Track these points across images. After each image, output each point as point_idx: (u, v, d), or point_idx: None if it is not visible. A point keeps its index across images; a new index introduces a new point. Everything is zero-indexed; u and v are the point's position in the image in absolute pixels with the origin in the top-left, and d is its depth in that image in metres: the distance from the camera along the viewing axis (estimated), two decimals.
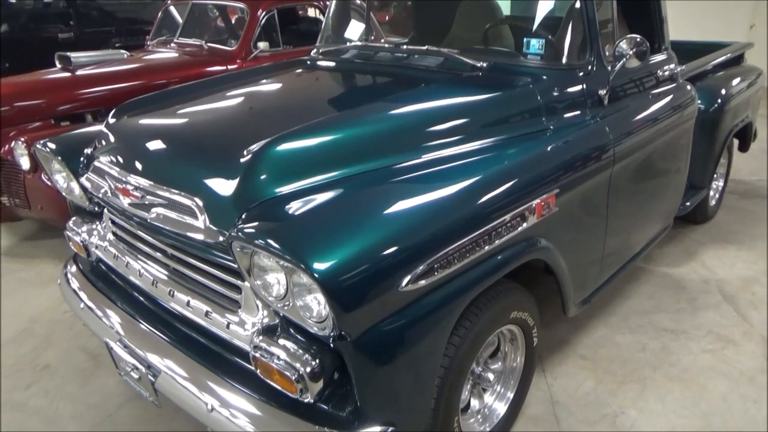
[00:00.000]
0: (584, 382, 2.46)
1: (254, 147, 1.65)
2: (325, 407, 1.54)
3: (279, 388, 1.50)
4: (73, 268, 2.29)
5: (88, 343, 2.80)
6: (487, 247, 1.65)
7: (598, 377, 2.48)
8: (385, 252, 1.40)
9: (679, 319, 2.89)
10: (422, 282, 1.46)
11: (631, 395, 2.37)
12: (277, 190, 1.59)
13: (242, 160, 1.63)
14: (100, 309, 2.03)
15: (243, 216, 1.52)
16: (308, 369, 1.44)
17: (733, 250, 3.61)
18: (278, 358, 1.47)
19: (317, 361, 1.46)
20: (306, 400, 1.47)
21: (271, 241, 1.37)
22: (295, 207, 1.51)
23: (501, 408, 2.07)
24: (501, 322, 1.91)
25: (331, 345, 1.45)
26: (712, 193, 3.93)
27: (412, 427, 1.63)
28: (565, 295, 2.15)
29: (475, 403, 2.05)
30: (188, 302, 1.78)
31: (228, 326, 1.66)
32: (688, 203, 3.45)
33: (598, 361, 2.59)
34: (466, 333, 1.74)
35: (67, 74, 3.99)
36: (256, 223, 1.46)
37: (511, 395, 2.09)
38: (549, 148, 1.95)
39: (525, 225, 1.77)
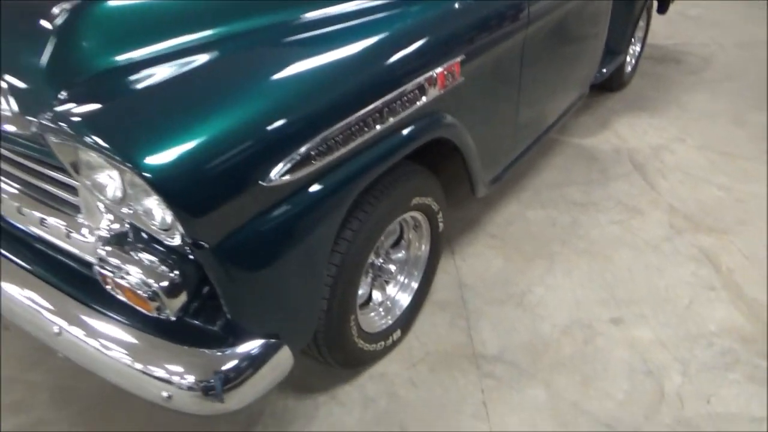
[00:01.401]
0: (493, 261, 2.38)
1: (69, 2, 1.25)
2: (195, 323, 1.32)
3: (133, 305, 1.26)
4: None
5: None
6: (378, 127, 1.39)
7: (507, 256, 2.41)
8: (241, 140, 1.12)
9: (590, 191, 2.84)
10: (296, 174, 1.21)
11: (539, 272, 2.32)
12: (105, 61, 1.23)
13: (56, 20, 1.24)
14: None
15: (58, 97, 1.17)
16: (164, 284, 1.20)
17: (645, 117, 3.56)
18: (127, 272, 1.21)
19: (175, 273, 1.21)
20: (166, 318, 1.24)
21: (86, 131, 1.05)
22: (126, 84, 1.18)
23: (405, 299, 1.94)
24: (401, 211, 1.71)
25: (190, 255, 1.20)
26: (628, 59, 3.79)
27: (299, 334, 1.47)
28: (473, 176, 1.97)
29: (377, 295, 1.91)
30: (20, 209, 1.45)
31: (68, 235, 1.37)
32: (604, 70, 3.29)
33: (508, 239, 2.51)
34: (360, 226, 1.54)
35: None
36: (72, 107, 1.13)
37: (415, 285, 1.96)
38: (453, 7, 1.65)
39: (425, 99, 1.51)
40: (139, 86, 1.17)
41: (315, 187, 1.28)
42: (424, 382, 1.87)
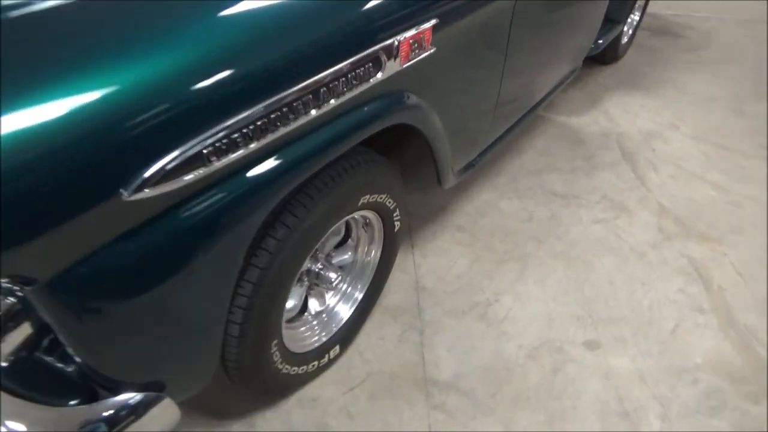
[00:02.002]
0: (458, 261, 2.06)
1: None
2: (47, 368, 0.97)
3: None
4: None
5: None
6: (312, 113, 1.01)
7: (475, 254, 2.09)
8: (82, 132, 0.73)
9: (573, 180, 2.51)
10: (178, 180, 0.83)
11: (510, 277, 2.01)
12: None
13: None
14: None
15: None
16: None
17: (639, 96, 3.22)
18: None
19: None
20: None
21: None
22: None
23: (345, 312, 1.61)
24: (345, 213, 1.36)
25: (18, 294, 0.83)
26: (625, 29, 3.42)
27: (188, 380, 1.13)
28: (440, 166, 1.61)
29: (313, 305, 1.57)
30: None
31: None
32: (600, 41, 2.92)
33: (477, 234, 2.19)
34: (287, 234, 1.18)
35: None
36: None
37: (360, 295, 1.63)
38: None
39: (380, 75, 1.13)
40: None
41: (210, 196, 0.91)
42: (361, 412, 1.56)
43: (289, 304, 1.45)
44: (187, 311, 0.99)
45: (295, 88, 0.95)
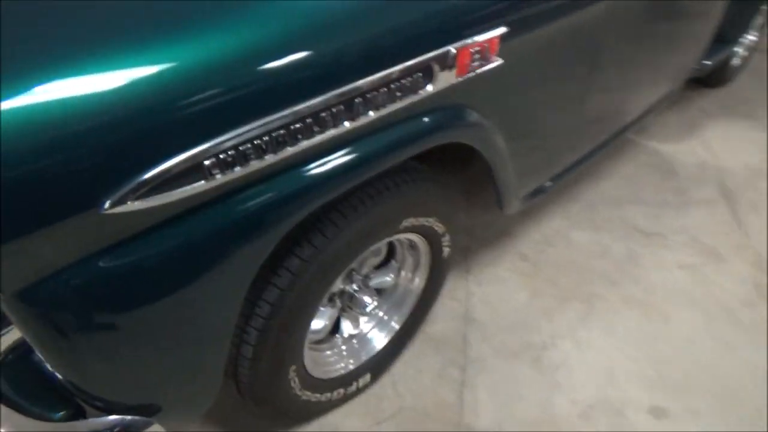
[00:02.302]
0: (516, 293, 1.87)
1: None
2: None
3: None
4: None
5: None
6: (345, 125, 0.88)
7: (536, 288, 1.89)
8: (56, 140, 0.63)
9: (660, 215, 2.24)
10: (171, 194, 0.72)
11: (572, 319, 1.80)
12: None
13: None
14: None
15: None
16: None
17: (745, 127, 2.86)
18: None
19: None
20: None
21: None
22: None
23: (380, 341, 1.47)
24: (382, 235, 1.22)
25: None
26: (739, 50, 3.05)
27: (187, 404, 1.03)
28: (501, 189, 1.44)
29: (347, 327, 1.45)
30: None
31: None
32: (708, 61, 2.60)
33: (541, 265, 1.98)
34: (313, 255, 1.06)
35: None
36: None
37: (397, 325, 1.48)
38: None
39: (430, 88, 0.98)
40: None
41: (209, 213, 0.79)
42: None
43: (317, 324, 1.33)
44: (175, 336, 0.89)
45: (322, 98, 0.82)
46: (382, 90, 0.89)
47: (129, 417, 0.89)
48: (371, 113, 0.91)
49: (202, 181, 0.74)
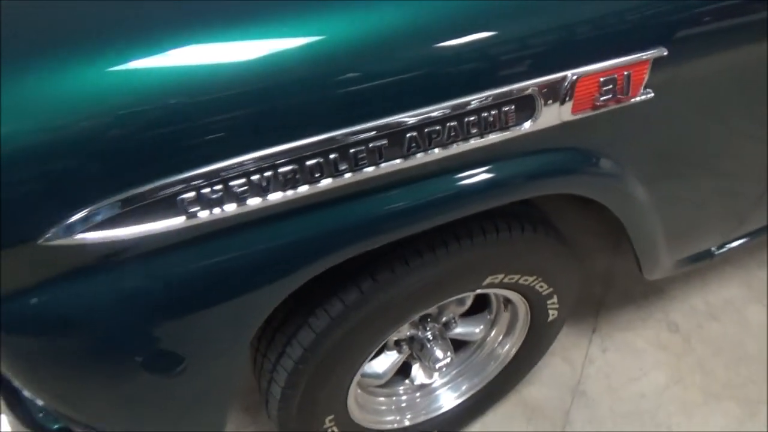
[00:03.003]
0: (650, 372, 1.49)
1: None
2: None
3: None
4: None
5: None
6: (367, 172, 0.66)
7: (679, 372, 1.49)
8: None
9: None
10: (123, 232, 0.58)
11: (720, 424, 1.38)
12: None
13: None
14: None
15: None
16: None
17: None
18: None
19: None
20: None
21: None
22: None
23: (447, 401, 1.23)
24: (457, 291, 0.99)
25: None
26: None
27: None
28: (640, 253, 1.11)
29: (418, 374, 1.24)
30: None
31: None
32: None
33: (695, 344, 1.56)
34: (360, 301, 0.88)
35: None
36: None
37: (471, 391, 1.23)
38: None
39: (529, 126, 0.71)
40: None
41: (192, 252, 0.64)
42: None
43: (375, 368, 1.15)
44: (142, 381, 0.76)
45: (362, 127, 0.62)
46: (449, 124, 0.66)
47: None
48: (436, 151, 0.68)
49: (177, 220, 0.59)
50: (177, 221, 0.59)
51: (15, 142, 0.51)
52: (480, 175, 0.75)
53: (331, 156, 0.62)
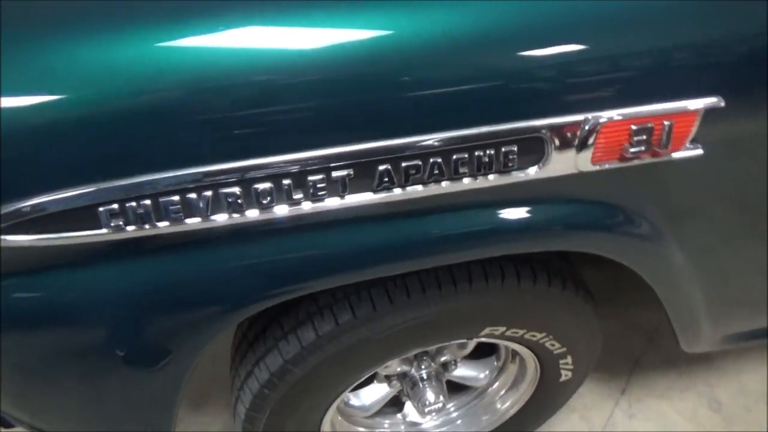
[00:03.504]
0: None
1: None
2: None
3: None
4: None
5: None
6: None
7: None
8: None
9: None
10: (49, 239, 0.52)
11: None
12: None
13: None
14: None
15: None
16: None
17: None
18: None
19: None
20: None
21: None
22: None
23: None
24: (447, 337, 0.88)
25: None
26: None
27: None
28: (677, 324, 0.96)
29: (411, 411, 1.14)
30: None
31: None
32: None
33: (738, 425, 1.37)
34: (334, 333, 0.80)
35: None
36: None
37: None
38: None
39: (534, 172, 0.59)
40: None
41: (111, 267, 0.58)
42: None
43: (363, 399, 1.06)
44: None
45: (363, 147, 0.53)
46: (434, 159, 0.56)
47: None
48: (417, 187, 0.58)
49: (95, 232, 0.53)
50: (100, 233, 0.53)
51: None
52: (476, 218, 0.64)
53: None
